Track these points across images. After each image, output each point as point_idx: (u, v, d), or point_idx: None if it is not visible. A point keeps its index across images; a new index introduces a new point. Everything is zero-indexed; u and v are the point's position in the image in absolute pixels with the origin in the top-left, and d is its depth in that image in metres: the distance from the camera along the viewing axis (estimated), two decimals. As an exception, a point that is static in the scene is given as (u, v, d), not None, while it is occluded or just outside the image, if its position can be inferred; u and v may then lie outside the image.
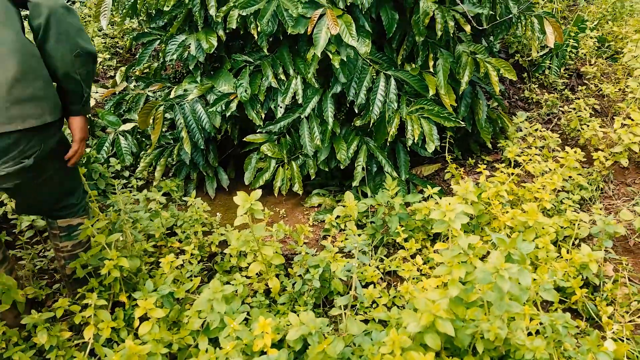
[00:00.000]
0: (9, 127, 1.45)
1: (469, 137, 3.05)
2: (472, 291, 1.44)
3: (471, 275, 1.41)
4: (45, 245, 2.37)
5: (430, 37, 2.51)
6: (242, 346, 1.52)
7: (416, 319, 1.31)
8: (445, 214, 1.35)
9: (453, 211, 1.36)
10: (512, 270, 1.18)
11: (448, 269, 1.42)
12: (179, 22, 2.60)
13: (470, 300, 1.41)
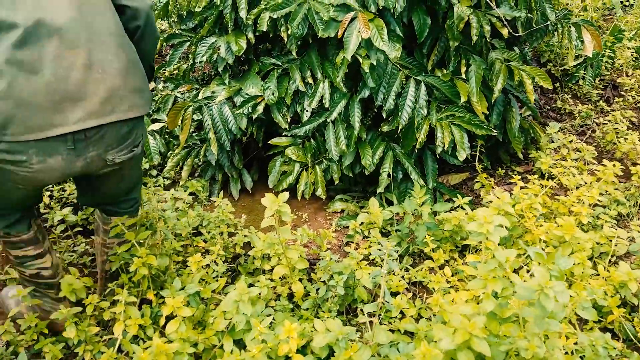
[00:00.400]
0: (127, 114, 1.51)
1: (499, 147, 2.98)
2: (507, 307, 1.38)
3: (507, 290, 1.36)
4: (75, 240, 2.39)
5: (463, 42, 2.46)
6: (267, 350, 1.50)
7: (449, 335, 1.26)
8: (483, 226, 1.30)
9: (491, 223, 1.31)
10: (557, 288, 1.12)
11: (483, 283, 1.37)
12: (209, 24, 2.61)
13: (505, 316, 1.36)
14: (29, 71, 1.31)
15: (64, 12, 1.37)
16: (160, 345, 1.51)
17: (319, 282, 2.09)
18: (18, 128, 1.33)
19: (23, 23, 1.30)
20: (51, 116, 1.36)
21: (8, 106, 1.31)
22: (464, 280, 1.98)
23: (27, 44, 1.31)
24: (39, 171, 1.43)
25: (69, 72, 1.37)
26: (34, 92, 1.33)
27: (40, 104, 1.34)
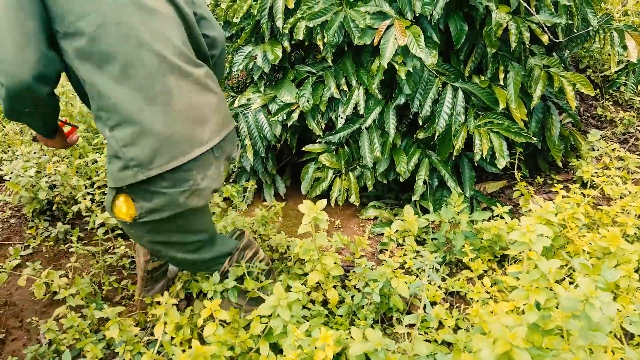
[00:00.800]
0: (232, 120, 1.66)
1: (537, 155, 2.92)
2: (550, 318, 1.35)
3: (550, 301, 1.33)
4: (115, 243, 2.45)
5: (501, 48, 2.43)
6: (304, 356, 1.49)
7: (489, 346, 1.23)
8: (526, 235, 1.27)
9: (534, 232, 1.28)
10: (603, 299, 1.09)
11: (526, 294, 1.33)
12: (246, 34, 2.65)
13: (548, 328, 1.32)
14: (165, 104, 1.37)
15: (177, 43, 1.43)
16: (199, 347, 1.53)
17: (353, 290, 2.09)
18: (165, 157, 1.38)
19: (149, 61, 1.35)
20: (192, 138, 1.43)
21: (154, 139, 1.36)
22: (503, 291, 1.94)
23: (155, 80, 1.35)
24: (207, 187, 1.53)
25: (192, 97, 1.44)
26: (173, 121, 1.39)
27: (181, 132, 1.40)
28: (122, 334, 1.83)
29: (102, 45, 1.28)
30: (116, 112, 1.33)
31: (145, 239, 1.60)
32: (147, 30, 1.34)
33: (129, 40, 1.31)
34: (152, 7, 1.37)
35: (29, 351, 1.88)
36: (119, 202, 1.44)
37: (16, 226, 2.68)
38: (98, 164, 2.75)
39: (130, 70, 1.32)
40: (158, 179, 1.40)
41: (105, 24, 1.28)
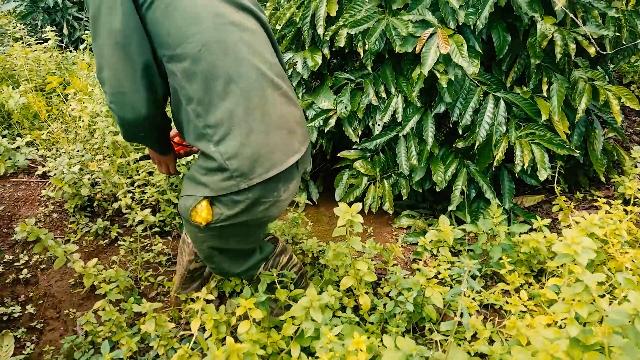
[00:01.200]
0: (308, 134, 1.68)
1: (577, 169, 2.85)
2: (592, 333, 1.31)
3: (593, 315, 1.29)
4: (153, 240, 2.51)
5: (544, 60, 2.39)
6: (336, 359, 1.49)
7: (529, 358, 1.20)
8: (570, 247, 1.24)
9: (579, 244, 1.24)
10: (653, 313, 1.05)
11: (567, 307, 1.30)
12: (287, 41, 2.69)
13: (589, 343, 1.28)
14: (262, 115, 1.42)
15: (268, 56, 1.49)
16: (233, 344, 1.55)
17: (384, 297, 2.07)
18: (265, 166, 1.45)
19: (247, 74, 1.40)
20: (286, 148, 1.49)
21: (254, 149, 1.42)
22: (540, 305, 1.89)
23: (253, 92, 1.41)
24: (286, 199, 1.59)
25: (283, 108, 1.49)
26: (271, 132, 1.44)
27: (276, 141, 1.46)
28: (158, 329, 1.87)
29: (206, 64, 1.34)
30: (222, 126, 1.38)
31: (206, 244, 1.66)
32: (244, 46, 1.40)
33: (230, 57, 1.37)
34: (245, 25, 1.44)
35: (66, 341, 1.94)
36: (200, 207, 1.49)
37: (57, 221, 2.77)
38: (139, 164, 2.82)
39: (231, 85, 1.37)
40: (248, 189, 1.45)
41: (208, 43, 1.33)
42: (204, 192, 1.48)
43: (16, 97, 3.42)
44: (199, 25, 1.33)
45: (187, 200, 1.53)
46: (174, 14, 1.31)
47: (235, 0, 1.44)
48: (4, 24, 5.47)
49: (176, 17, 1.32)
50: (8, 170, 3.10)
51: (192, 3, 1.34)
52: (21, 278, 2.32)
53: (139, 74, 1.33)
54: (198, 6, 1.34)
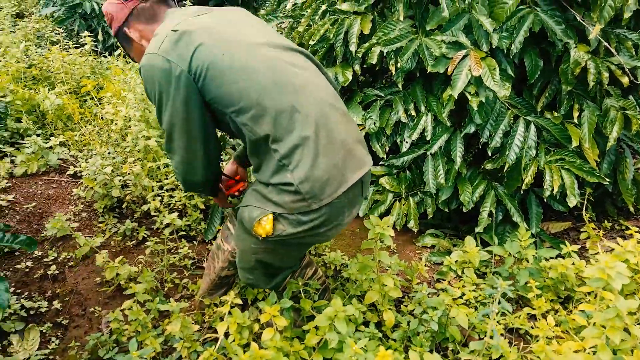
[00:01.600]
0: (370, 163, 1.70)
1: (605, 198, 2.83)
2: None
3: (626, 343, 1.28)
4: (179, 244, 2.55)
5: (576, 87, 2.40)
6: (360, 372, 1.49)
7: (559, 379, 1.20)
8: (604, 271, 1.24)
9: (613, 269, 1.24)
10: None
11: (599, 332, 1.29)
12: (319, 57, 2.74)
13: (620, 370, 1.28)
14: (327, 136, 1.49)
15: (320, 82, 1.60)
16: (257, 350, 1.57)
17: (408, 315, 2.07)
18: (334, 186, 1.51)
19: (306, 101, 1.49)
20: (351, 164, 1.55)
21: (323, 171, 1.48)
22: (568, 332, 1.87)
23: (315, 117, 1.48)
24: (345, 224, 1.65)
25: (344, 127, 1.56)
26: (335, 151, 1.50)
27: (342, 159, 1.52)
28: (183, 330, 1.89)
29: (268, 105, 1.44)
30: (294, 154, 1.46)
31: (255, 256, 1.71)
32: (297, 78, 1.50)
33: (287, 91, 1.46)
34: (294, 61, 1.55)
35: (91, 338, 1.97)
36: (266, 220, 1.55)
37: (87, 220, 2.83)
38: (169, 168, 2.88)
39: (295, 115, 1.46)
40: (315, 211, 1.51)
41: (266, 87, 1.44)
42: (274, 209, 1.54)
43: (52, 98, 3.52)
44: (254, 75, 1.44)
45: (253, 211, 1.57)
46: (228, 76, 1.44)
47: (279, 43, 1.56)
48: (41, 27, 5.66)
49: (231, 77, 1.44)
50: (40, 168, 3.19)
51: (242, 59, 1.45)
52: (49, 274, 2.36)
53: (199, 146, 1.54)
54: (248, 60, 1.46)
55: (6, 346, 1.97)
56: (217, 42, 1.46)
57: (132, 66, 4.11)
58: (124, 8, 1.64)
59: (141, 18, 1.65)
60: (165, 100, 1.47)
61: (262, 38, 1.53)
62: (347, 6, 2.55)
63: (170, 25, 1.51)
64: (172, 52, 1.43)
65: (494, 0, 2.22)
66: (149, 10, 1.65)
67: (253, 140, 1.50)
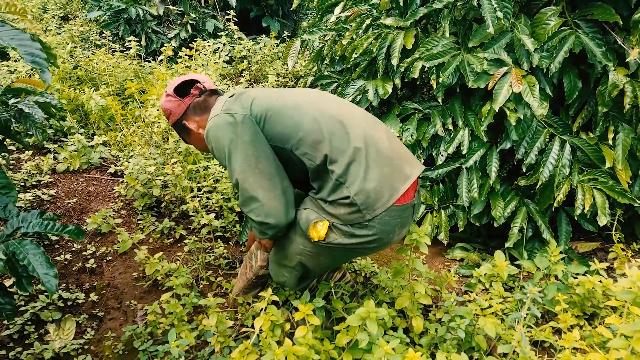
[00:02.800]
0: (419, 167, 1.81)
1: (635, 221, 2.82)
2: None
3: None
4: (215, 244, 2.64)
5: (612, 109, 2.43)
6: (391, 372, 1.54)
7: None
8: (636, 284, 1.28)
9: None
10: None
11: (625, 343, 1.33)
12: (361, 69, 2.83)
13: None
14: (375, 151, 1.64)
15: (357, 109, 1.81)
16: (292, 346, 1.63)
17: (435, 323, 2.11)
18: (385, 196, 1.62)
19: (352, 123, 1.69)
20: (399, 175, 1.66)
21: (374, 182, 1.61)
22: (592, 346, 1.89)
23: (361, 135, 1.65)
24: (393, 242, 1.75)
25: (387, 144, 1.70)
26: (383, 164, 1.64)
27: (391, 171, 1.64)
28: (218, 325, 1.96)
29: (320, 131, 1.63)
30: (349, 172, 1.61)
31: (300, 257, 1.80)
32: (343, 111, 1.72)
33: (332, 116, 1.67)
34: (327, 94, 1.81)
35: (127, 330, 2.05)
36: (320, 226, 1.66)
37: (126, 217, 2.94)
38: (208, 171, 2.98)
39: (345, 135, 1.64)
40: (368, 226, 1.62)
41: (315, 118, 1.65)
42: (331, 219, 1.66)
43: (96, 98, 3.69)
44: (302, 109, 1.66)
45: (311, 214, 1.69)
46: (284, 114, 1.66)
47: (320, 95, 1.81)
48: (86, 30, 5.90)
49: (287, 114, 1.66)
50: (82, 165, 3.34)
51: (292, 102, 1.68)
52: (87, 267, 2.46)
53: (277, 181, 1.65)
54: (297, 101, 1.69)
55: (43, 334, 2.06)
56: (269, 94, 1.73)
57: (174, 72, 4.27)
58: (181, 104, 1.86)
59: (197, 111, 1.86)
60: (234, 147, 1.62)
61: (305, 94, 1.78)
62: (391, 21, 2.63)
63: (225, 100, 1.75)
64: (233, 107, 1.67)
65: (537, 20, 2.28)
66: (203, 102, 1.87)
67: (314, 168, 1.65)
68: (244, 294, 2.22)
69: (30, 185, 3.03)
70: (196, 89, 1.86)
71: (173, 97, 1.86)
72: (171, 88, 1.87)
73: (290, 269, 1.86)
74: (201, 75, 1.92)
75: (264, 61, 5.10)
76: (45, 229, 1.75)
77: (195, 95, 1.86)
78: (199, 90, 1.86)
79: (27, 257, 1.56)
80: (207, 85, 1.88)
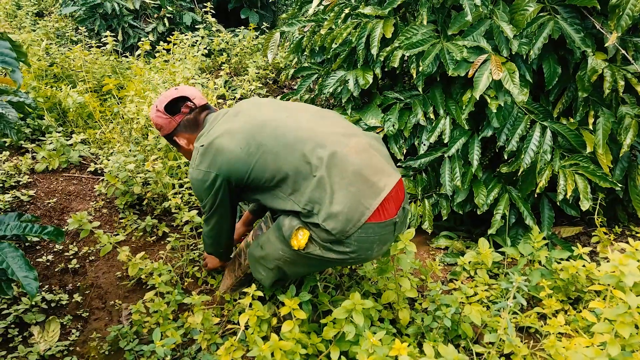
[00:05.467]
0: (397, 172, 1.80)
1: (616, 204, 2.86)
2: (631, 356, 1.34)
3: (635, 338, 1.32)
4: (198, 240, 2.61)
5: (592, 94, 2.44)
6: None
7: (573, 373, 1.24)
8: (618, 268, 1.29)
9: (626, 266, 1.29)
10: None
11: (609, 327, 1.34)
12: (341, 59, 2.80)
13: (631, 366, 1.31)
14: (340, 172, 1.62)
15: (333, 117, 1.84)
16: (278, 341, 1.62)
17: (422, 313, 2.12)
18: (356, 215, 1.61)
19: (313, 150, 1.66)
20: (370, 191, 1.63)
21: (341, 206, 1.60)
22: (577, 330, 1.91)
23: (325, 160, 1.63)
24: (376, 256, 1.76)
25: (356, 160, 1.66)
26: (349, 184, 1.62)
27: (359, 189, 1.62)
28: (204, 322, 1.95)
29: (287, 168, 1.66)
30: (314, 200, 1.63)
31: (278, 261, 1.81)
32: (305, 125, 1.73)
33: (297, 146, 1.66)
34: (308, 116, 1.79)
35: (113, 330, 2.02)
36: (301, 235, 1.67)
37: (107, 216, 2.89)
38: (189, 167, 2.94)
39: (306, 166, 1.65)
40: (345, 243, 1.63)
41: (278, 154, 1.66)
42: (310, 232, 1.66)
43: (74, 96, 3.61)
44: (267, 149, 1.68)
45: (294, 221, 1.69)
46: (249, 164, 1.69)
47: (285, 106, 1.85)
48: (61, 26, 5.77)
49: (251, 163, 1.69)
50: (61, 165, 3.27)
51: (256, 142, 1.68)
52: (70, 268, 2.42)
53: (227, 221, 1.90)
54: (262, 140, 1.69)
55: (27, 337, 2.02)
56: (236, 139, 1.70)
57: (152, 66, 4.20)
58: (171, 122, 1.89)
59: (187, 128, 1.91)
60: (206, 197, 1.77)
61: (273, 112, 1.79)
62: (370, 10, 2.61)
63: (203, 136, 1.79)
64: (203, 164, 1.72)
65: (515, 6, 2.27)
66: (193, 120, 1.90)
67: (285, 198, 1.69)
68: (231, 291, 2.20)
69: (9, 186, 2.96)
70: (186, 107, 1.89)
71: (163, 115, 1.89)
72: (162, 104, 1.88)
73: (268, 270, 1.87)
74: (191, 90, 1.93)
75: (243, 53, 5.04)
76: (23, 232, 1.72)
77: (186, 113, 1.89)
78: (189, 109, 1.89)
79: (5, 261, 1.54)
80: (197, 101, 1.90)
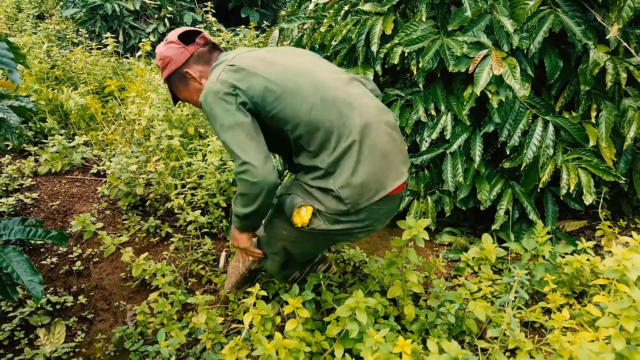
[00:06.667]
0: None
1: (621, 197, 2.84)
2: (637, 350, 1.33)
3: (639, 332, 1.31)
4: (202, 240, 2.61)
5: (595, 87, 2.43)
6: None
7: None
8: (621, 262, 1.28)
9: (630, 260, 1.28)
10: None
11: (614, 321, 1.33)
12: (340, 57, 2.79)
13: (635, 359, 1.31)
14: (370, 146, 1.60)
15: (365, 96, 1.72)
16: (282, 340, 1.62)
17: (426, 309, 2.11)
18: (372, 191, 1.61)
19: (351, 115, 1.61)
20: (391, 173, 1.64)
21: (362, 178, 1.59)
22: (582, 325, 1.90)
23: (358, 128, 1.60)
24: (377, 229, 1.76)
25: (386, 138, 1.65)
26: (375, 160, 1.61)
27: (382, 168, 1.62)
28: (208, 322, 1.95)
29: (319, 120, 1.59)
30: (338, 164, 1.60)
31: (283, 242, 1.80)
32: (345, 95, 1.64)
33: (333, 107, 1.60)
34: (336, 78, 1.70)
35: (118, 331, 2.03)
36: (305, 211, 1.65)
37: (110, 217, 2.89)
38: (192, 167, 2.94)
39: (342, 128, 1.60)
40: (356, 214, 1.62)
41: (314, 105, 1.59)
42: (315, 205, 1.64)
43: (76, 98, 3.61)
44: (303, 93, 1.60)
45: (295, 199, 1.67)
46: (281, 100, 1.59)
47: (326, 68, 1.73)
48: (62, 29, 5.79)
49: (285, 100, 1.59)
50: (64, 167, 3.28)
51: (292, 84, 1.60)
52: (74, 270, 2.43)
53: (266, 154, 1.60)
54: (297, 83, 1.61)
55: (33, 340, 2.03)
56: (269, 70, 1.62)
57: (152, 67, 4.20)
58: (184, 51, 1.77)
59: (200, 61, 1.78)
60: (225, 107, 1.58)
61: (310, 65, 1.70)
62: (370, 7, 2.60)
63: (227, 60, 1.68)
64: (231, 80, 1.60)
65: (516, 1, 2.26)
66: (206, 54, 1.79)
67: (306, 152, 1.63)
68: (236, 289, 2.21)
69: (12, 190, 2.98)
70: (202, 38, 1.79)
71: (176, 44, 1.76)
72: (174, 35, 1.78)
73: (273, 255, 1.86)
74: (202, 30, 1.85)
75: (245, 53, 5.03)
76: (27, 236, 1.73)
77: (201, 44, 1.78)
78: (204, 40, 1.79)
79: (10, 265, 1.54)
80: (210, 38, 1.82)
